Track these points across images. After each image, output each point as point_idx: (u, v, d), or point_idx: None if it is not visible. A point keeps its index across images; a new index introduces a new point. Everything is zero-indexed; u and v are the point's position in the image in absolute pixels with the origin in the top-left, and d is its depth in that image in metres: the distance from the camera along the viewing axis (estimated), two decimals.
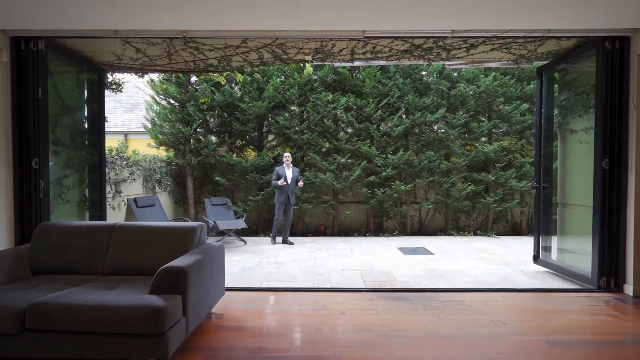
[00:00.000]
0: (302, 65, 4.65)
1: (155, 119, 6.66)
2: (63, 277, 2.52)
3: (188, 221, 5.70)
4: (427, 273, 4.26)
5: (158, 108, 6.67)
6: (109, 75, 4.93)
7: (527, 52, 4.00)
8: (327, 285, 3.78)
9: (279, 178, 5.72)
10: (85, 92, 4.34)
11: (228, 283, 3.84)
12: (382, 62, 4.42)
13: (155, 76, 6.15)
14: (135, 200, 5.37)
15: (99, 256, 2.65)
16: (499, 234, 7.09)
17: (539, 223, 4.32)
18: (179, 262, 2.25)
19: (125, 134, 9.44)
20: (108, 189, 4.87)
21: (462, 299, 3.17)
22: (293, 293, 3.41)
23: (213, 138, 7.23)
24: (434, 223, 7.48)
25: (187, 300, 2.14)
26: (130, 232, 2.73)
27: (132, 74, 4.81)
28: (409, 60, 4.29)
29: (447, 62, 4.50)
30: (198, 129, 7.05)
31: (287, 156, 5.91)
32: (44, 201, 3.40)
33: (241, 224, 5.81)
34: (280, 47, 3.85)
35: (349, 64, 4.52)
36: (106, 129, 9.73)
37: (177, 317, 2.02)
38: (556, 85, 4.34)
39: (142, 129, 7.01)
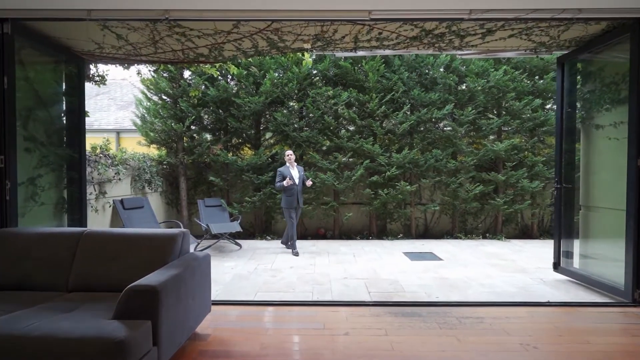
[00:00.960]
0: (301, 55, 4.29)
1: (146, 115, 6.28)
2: (18, 294, 2.14)
3: (179, 224, 5.34)
4: (437, 282, 3.88)
5: (149, 104, 6.30)
6: (92, 66, 4.56)
7: (548, 40, 3.62)
8: (328, 297, 3.41)
9: (283, 180, 5.20)
10: (64, 84, 3.96)
11: (218, 294, 3.48)
12: (388, 52, 4.05)
13: (145, 70, 5.77)
14: (122, 201, 5.00)
15: (62, 269, 2.28)
16: (509, 236, 6.73)
17: (560, 227, 3.94)
18: (152, 278, 1.88)
19: (118, 132, 9.07)
20: (91, 189, 4.51)
21: (481, 315, 2.80)
22: (290, 308, 3.03)
23: (208, 136, 6.86)
24: (440, 225, 7.12)
25: (160, 326, 1.77)
26: (100, 240, 2.36)
27: (117, 65, 4.43)
28: (418, 49, 3.92)
29: (459, 52, 4.12)
30: (192, 126, 6.69)
31: (290, 154, 5.33)
32: (10, 204, 3.02)
33: (236, 227, 5.44)
34: (276, 33, 3.47)
35: (351, 54, 4.14)
36: (98, 127, 9.42)
37: (144, 348, 1.65)
38: (578, 77, 3.97)
39: (135, 127, 6.63)
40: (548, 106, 6.67)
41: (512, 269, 4.45)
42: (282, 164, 6.38)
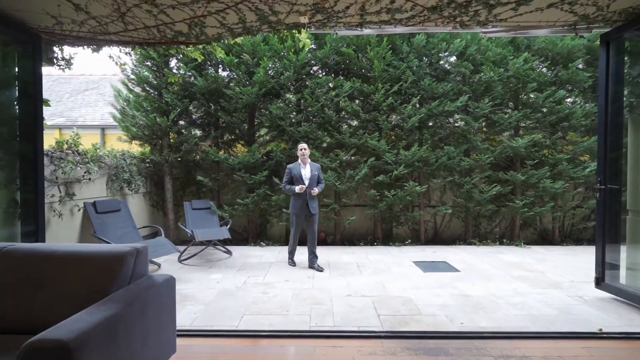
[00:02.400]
0: (297, 33, 3.70)
1: (126, 108, 5.66)
2: None
3: (159, 229, 4.73)
4: (458, 301, 3.27)
5: (131, 96, 5.68)
6: (56, 49, 3.95)
7: (594, 11, 3.02)
8: (329, 322, 2.80)
9: (291, 180, 4.37)
10: (16, 66, 3.35)
11: (197, 317, 2.87)
12: (399, 29, 3.45)
13: (121, 55, 5.14)
14: (94, 204, 4.39)
15: None
16: (527, 242, 6.11)
17: (604, 236, 3.33)
18: (69, 326, 1.27)
19: (103, 128, 8.47)
20: (54, 190, 3.90)
21: (526, 354, 2.19)
22: (281, 341, 2.42)
23: (198, 132, 6.25)
24: (451, 230, 6.51)
25: None
26: (24, 260, 1.76)
27: (84, 46, 3.82)
28: (435, 24, 3.32)
29: (483, 30, 3.52)
30: (180, 121, 6.09)
31: (303, 149, 4.39)
32: None
33: (224, 233, 4.82)
34: (266, 2, 2.87)
35: (356, 32, 3.54)
36: (83, 123, 8.82)
37: None
38: (626, 57, 3.36)
39: (115, 121, 6.01)
40: (570, 100, 6.07)
41: (543, 283, 3.84)
42: (277, 163, 5.79)
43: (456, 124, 6.02)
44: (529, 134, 5.76)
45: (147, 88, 5.74)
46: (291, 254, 4.67)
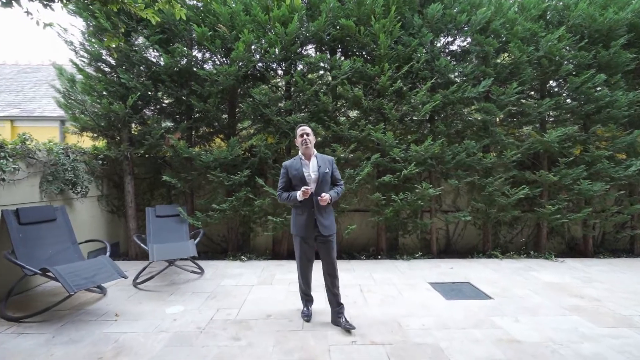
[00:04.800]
0: None
1: (70, 91, 4.59)
2: None
3: (105, 243, 3.68)
4: (508, 353, 2.32)
5: (80, 76, 4.60)
6: None
7: None
8: None
9: (289, 184, 2.80)
10: None
11: None
12: None
13: (46, 11, 4.09)
14: (16, 212, 3.34)
15: None
16: (556, 254, 5.21)
17: None
18: None
19: (63, 121, 7.37)
20: None
21: None
22: None
23: (169, 123, 5.20)
24: (465, 239, 5.61)
25: None
26: None
27: None
28: None
29: None
30: (145, 110, 5.04)
31: (305, 134, 2.75)
32: None
33: (190, 250, 3.77)
34: None
35: None
36: (40, 114, 7.68)
37: None
38: None
39: (60, 107, 4.91)
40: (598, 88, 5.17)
41: (607, 317, 2.91)
42: (262, 160, 4.76)
43: (470, 117, 5.06)
44: (558, 126, 4.85)
45: (103, 67, 4.68)
46: (305, 298, 3.00)
